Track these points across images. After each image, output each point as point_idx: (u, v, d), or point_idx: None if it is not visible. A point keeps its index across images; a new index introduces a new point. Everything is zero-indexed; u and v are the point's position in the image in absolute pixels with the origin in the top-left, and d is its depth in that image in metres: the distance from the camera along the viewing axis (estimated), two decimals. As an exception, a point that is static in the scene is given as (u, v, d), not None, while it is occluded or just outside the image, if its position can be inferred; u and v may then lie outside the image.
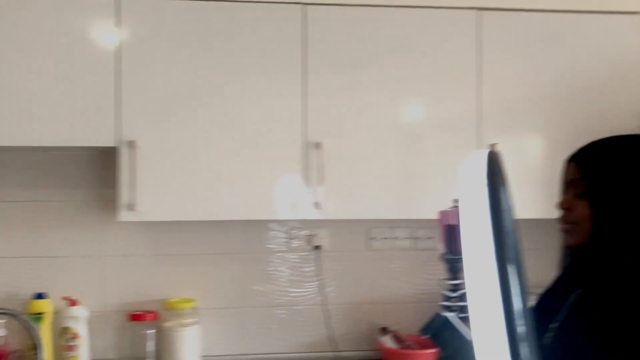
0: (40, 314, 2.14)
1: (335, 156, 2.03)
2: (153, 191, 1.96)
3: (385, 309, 2.39)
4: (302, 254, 2.35)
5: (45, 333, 2.12)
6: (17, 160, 2.22)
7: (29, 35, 1.91)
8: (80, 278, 2.24)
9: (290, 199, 2.01)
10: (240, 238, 2.32)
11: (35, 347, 2.07)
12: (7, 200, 2.22)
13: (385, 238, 2.40)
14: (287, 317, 2.34)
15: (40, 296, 2.17)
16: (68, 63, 1.93)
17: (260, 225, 2.33)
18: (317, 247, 2.34)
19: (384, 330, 2.28)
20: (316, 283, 2.35)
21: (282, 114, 2.02)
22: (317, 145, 2.02)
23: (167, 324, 2.16)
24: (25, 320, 2.06)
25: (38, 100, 1.92)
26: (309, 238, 2.34)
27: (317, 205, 2.01)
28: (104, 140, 1.95)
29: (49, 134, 1.93)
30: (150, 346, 2.16)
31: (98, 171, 2.25)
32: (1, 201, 2.21)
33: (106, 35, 1.95)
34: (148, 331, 2.17)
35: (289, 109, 2.02)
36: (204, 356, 2.22)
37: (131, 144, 1.94)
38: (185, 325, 2.15)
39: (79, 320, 2.16)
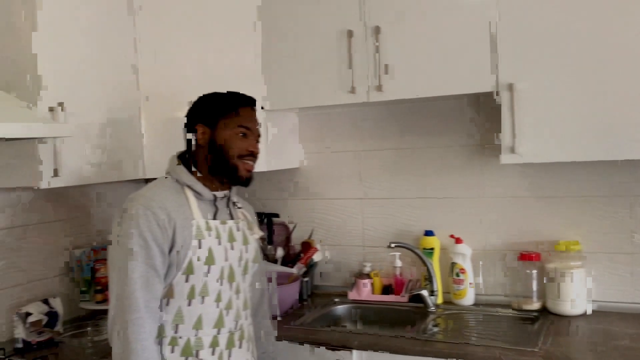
0: (430, 249, 2.37)
1: None
2: (533, 133, 1.95)
3: None
4: None
5: (435, 266, 2.36)
6: (405, 111, 2.48)
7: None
8: (463, 218, 2.39)
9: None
10: (628, 179, 2.13)
11: (427, 278, 2.34)
12: (400, 147, 2.50)
13: None
14: (689, 267, 2.07)
15: (429, 233, 2.41)
16: (446, 15, 2.05)
17: (651, 165, 2.10)
18: None
19: None
20: None
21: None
22: None
23: (551, 266, 2.15)
24: (420, 253, 2.33)
25: (421, 55, 2.09)
26: None
27: None
28: (485, 85, 2.01)
29: (437, 84, 2.08)
30: (535, 286, 2.19)
31: (477, 116, 2.35)
32: (395, 149, 2.51)
33: (481, -18, 1.99)
34: (531, 271, 2.20)
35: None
36: (592, 300, 2.14)
37: (510, 87, 1.96)
38: (570, 268, 2.11)
39: (465, 257, 2.32)
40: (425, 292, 2.29)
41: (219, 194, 1.67)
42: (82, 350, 1.91)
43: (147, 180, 2.68)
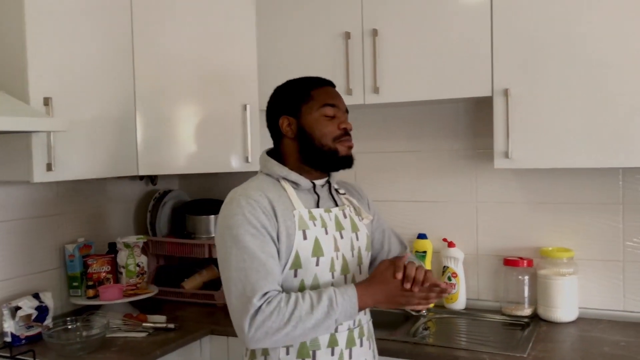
0: (423, 252, 2.37)
1: None
2: (527, 139, 1.95)
3: None
4: (701, 206, 2.04)
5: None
6: (401, 115, 2.48)
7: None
8: (456, 222, 2.40)
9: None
10: (620, 187, 2.14)
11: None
12: (395, 151, 2.50)
13: None
14: (680, 276, 2.08)
15: (422, 236, 2.41)
16: (444, 20, 2.05)
17: (645, 174, 2.11)
18: None
19: None
20: None
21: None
22: None
23: (543, 272, 2.15)
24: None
25: (418, 59, 2.09)
26: None
27: None
28: (480, 90, 2.01)
29: (433, 88, 2.09)
30: (526, 292, 2.19)
31: (472, 121, 2.35)
32: (390, 152, 2.51)
33: (479, -14, 1.99)
34: (523, 277, 2.20)
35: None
36: (581, 307, 2.15)
37: (505, 93, 1.96)
38: (562, 275, 2.11)
39: (457, 261, 2.32)
40: (416, 296, 2.28)
41: (319, 182, 1.58)
42: (70, 345, 1.91)
43: (142, 178, 2.70)
